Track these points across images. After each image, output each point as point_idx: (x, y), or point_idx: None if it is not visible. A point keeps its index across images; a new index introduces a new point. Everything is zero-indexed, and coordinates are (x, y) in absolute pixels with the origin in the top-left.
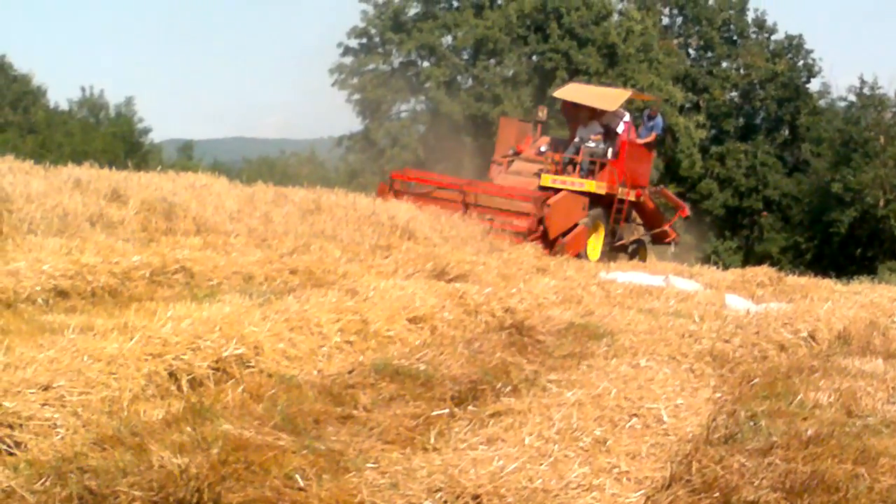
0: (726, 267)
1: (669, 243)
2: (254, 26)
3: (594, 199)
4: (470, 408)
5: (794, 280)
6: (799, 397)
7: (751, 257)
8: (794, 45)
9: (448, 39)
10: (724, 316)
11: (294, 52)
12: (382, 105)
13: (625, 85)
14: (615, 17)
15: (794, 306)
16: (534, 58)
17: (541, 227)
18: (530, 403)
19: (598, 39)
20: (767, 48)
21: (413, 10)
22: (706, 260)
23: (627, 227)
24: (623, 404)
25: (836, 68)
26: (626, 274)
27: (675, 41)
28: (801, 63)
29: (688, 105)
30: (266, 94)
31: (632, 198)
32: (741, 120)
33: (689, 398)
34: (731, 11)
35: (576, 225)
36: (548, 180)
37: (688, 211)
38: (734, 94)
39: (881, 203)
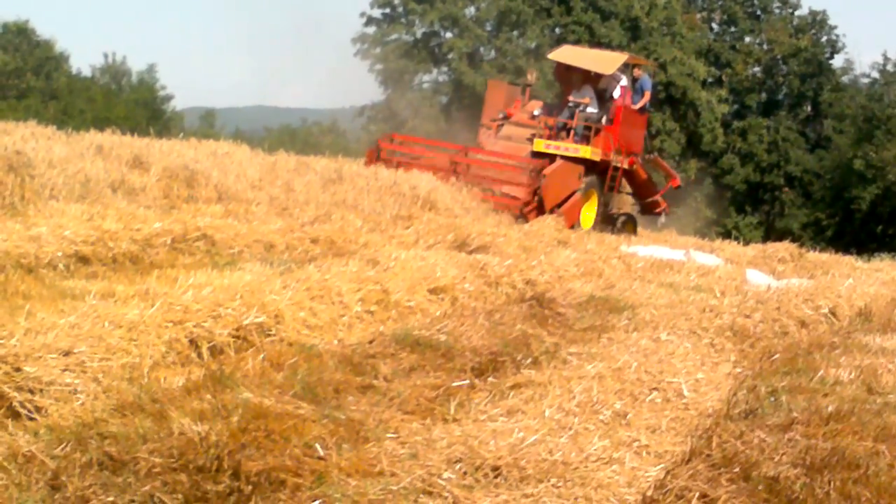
0: (747, 242)
1: (659, 214)
2: None
3: (588, 167)
4: (490, 379)
5: (815, 256)
6: (819, 374)
7: (772, 233)
8: (817, 21)
9: (471, 10)
10: (745, 291)
11: (316, 21)
12: (405, 75)
13: (647, 59)
14: None
15: (815, 283)
16: (557, 30)
17: (536, 198)
18: (550, 376)
19: (621, 13)
20: (791, 23)
21: None
22: (727, 235)
23: (616, 196)
24: (643, 378)
25: (860, 44)
26: (647, 248)
27: (699, 15)
28: (824, 39)
29: (710, 80)
30: (288, 63)
31: (625, 165)
32: (763, 95)
33: (709, 373)
34: None
35: (571, 194)
36: (541, 145)
37: (679, 181)
38: (757, 69)
39: None
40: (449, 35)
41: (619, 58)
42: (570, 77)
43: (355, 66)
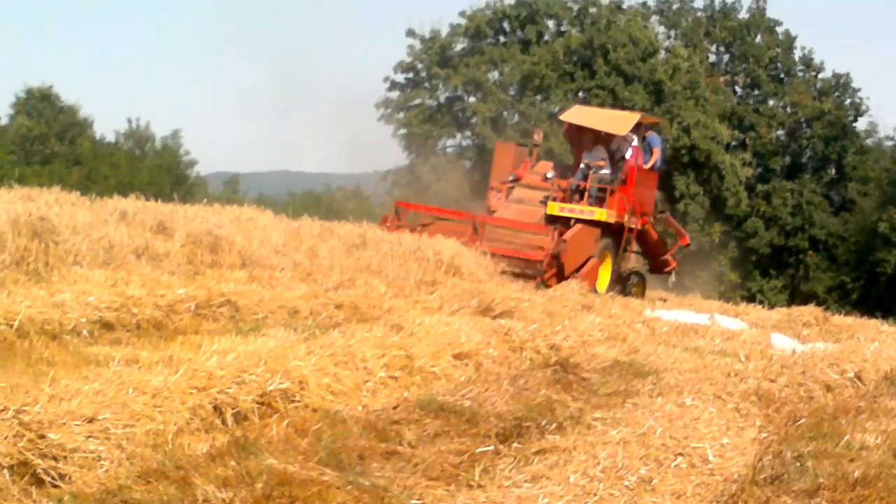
0: (772, 306)
1: (669, 273)
2: (299, 59)
3: (602, 229)
4: (515, 445)
5: (840, 320)
6: (846, 438)
7: (796, 296)
8: (841, 84)
9: (494, 75)
10: (770, 355)
11: (340, 86)
12: (428, 140)
13: (671, 123)
14: (662, 54)
15: (840, 346)
16: (580, 94)
17: (555, 263)
18: (575, 441)
19: (644, 76)
20: (814, 86)
21: (460, 46)
22: (751, 299)
23: (625, 257)
24: (668, 443)
25: (884, 107)
26: (672, 312)
27: (722, 79)
28: (848, 102)
29: (734, 143)
30: (311, 127)
31: (638, 226)
32: (787, 158)
33: (734, 438)
34: (779, 49)
35: (589, 258)
36: (555, 209)
37: (688, 239)
38: (781, 132)
39: None
40: (472, 99)
41: (632, 118)
42: (582, 137)
43: (379, 130)
